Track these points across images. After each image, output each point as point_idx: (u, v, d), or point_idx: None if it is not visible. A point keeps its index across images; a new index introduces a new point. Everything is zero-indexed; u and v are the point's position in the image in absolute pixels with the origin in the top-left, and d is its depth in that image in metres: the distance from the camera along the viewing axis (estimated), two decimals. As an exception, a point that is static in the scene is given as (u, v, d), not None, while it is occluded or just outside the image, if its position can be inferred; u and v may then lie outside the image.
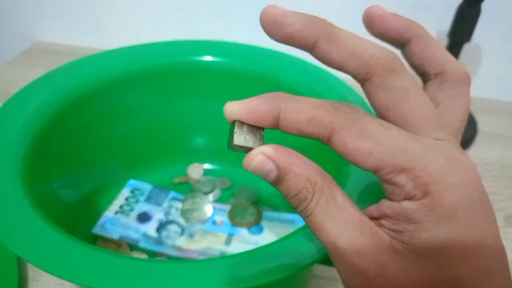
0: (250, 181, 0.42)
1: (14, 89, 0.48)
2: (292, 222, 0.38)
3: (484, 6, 0.45)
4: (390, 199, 0.17)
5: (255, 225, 0.38)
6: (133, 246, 0.35)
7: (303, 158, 0.17)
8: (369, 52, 0.18)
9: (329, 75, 0.36)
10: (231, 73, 0.38)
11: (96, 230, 0.35)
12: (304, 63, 0.37)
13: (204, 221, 0.38)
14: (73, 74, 0.34)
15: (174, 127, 0.42)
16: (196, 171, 0.43)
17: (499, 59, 0.58)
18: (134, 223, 0.37)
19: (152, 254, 0.35)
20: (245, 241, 0.36)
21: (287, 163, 0.16)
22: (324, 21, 0.18)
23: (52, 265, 0.21)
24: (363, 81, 0.18)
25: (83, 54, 0.62)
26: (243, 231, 0.37)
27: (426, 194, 0.15)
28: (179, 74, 0.38)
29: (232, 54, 0.38)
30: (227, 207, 0.39)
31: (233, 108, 0.17)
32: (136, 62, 0.37)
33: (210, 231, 0.37)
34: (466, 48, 0.53)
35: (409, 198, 0.16)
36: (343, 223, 0.16)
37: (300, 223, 0.37)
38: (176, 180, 0.42)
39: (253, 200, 0.41)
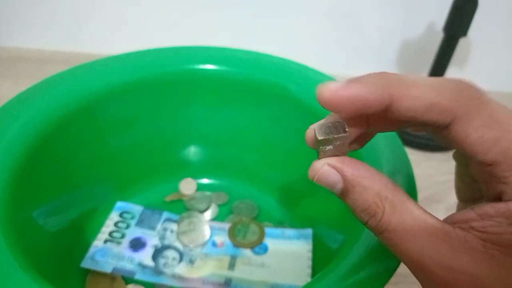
0: (248, 194, 0.40)
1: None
2: (297, 238, 0.36)
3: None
4: (496, 199, 0.15)
5: (259, 244, 0.35)
6: (128, 279, 0.32)
7: (372, 170, 0.16)
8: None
9: (334, 81, 0.33)
10: (226, 80, 0.35)
11: (86, 264, 0.32)
12: (308, 69, 0.34)
13: (203, 243, 0.35)
14: (54, 93, 0.30)
15: (163, 141, 0.38)
16: (188, 186, 0.40)
17: (494, 52, 0.57)
18: (127, 252, 0.34)
19: (150, 286, 0.32)
20: (250, 263, 0.34)
21: (354, 175, 0.16)
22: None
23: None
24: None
25: (53, 59, 0.58)
26: (247, 252, 0.35)
27: None
28: (170, 84, 0.35)
29: (229, 61, 0.35)
30: (226, 226, 0.37)
31: (333, 96, 0.15)
32: (121, 73, 0.33)
33: (211, 255, 0.34)
34: (461, 42, 0.52)
35: None
36: (427, 238, 0.15)
37: (306, 239, 0.35)
38: (168, 198, 0.39)
39: (253, 215, 0.38)
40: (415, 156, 0.49)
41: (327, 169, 0.16)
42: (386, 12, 0.54)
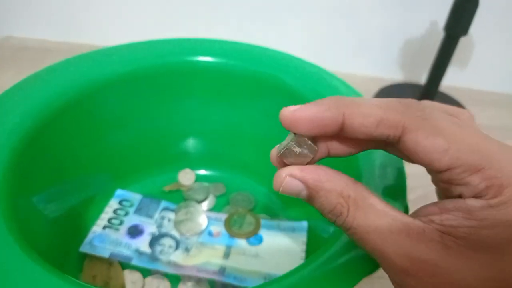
0: (245, 186, 0.40)
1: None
2: (292, 230, 0.36)
3: (481, -1, 0.44)
4: (453, 198, 0.16)
5: (254, 235, 0.36)
6: (125, 265, 0.33)
7: (331, 172, 0.17)
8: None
9: (332, 76, 0.34)
10: (224, 73, 0.36)
11: (84, 248, 0.33)
12: (304, 62, 0.35)
13: (199, 232, 0.36)
14: (54, 81, 0.31)
15: (163, 132, 0.39)
16: (187, 177, 0.41)
17: (492, 51, 0.57)
18: (124, 239, 0.34)
19: (146, 272, 0.33)
20: (244, 253, 0.34)
21: (315, 180, 0.17)
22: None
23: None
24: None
25: (57, 49, 0.58)
26: (242, 242, 0.35)
27: (496, 195, 0.15)
28: (168, 76, 0.35)
29: (226, 53, 0.36)
30: (223, 216, 0.37)
31: (292, 116, 0.17)
32: (122, 64, 0.34)
33: (207, 244, 0.35)
34: (462, 41, 0.52)
35: (478, 197, 0.15)
36: (387, 230, 0.16)
37: (301, 231, 0.36)
38: (167, 188, 0.40)
39: (250, 207, 0.39)
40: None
41: (289, 180, 0.17)
42: (386, 10, 0.55)
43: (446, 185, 0.16)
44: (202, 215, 0.37)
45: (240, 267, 0.33)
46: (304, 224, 0.36)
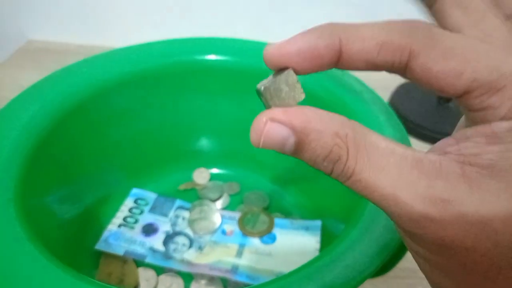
0: (260, 185, 0.40)
1: (6, 93, 0.45)
2: (306, 229, 0.36)
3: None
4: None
5: (267, 233, 0.36)
6: (139, 262, 0.33)
7: (321, 111, 0.14)
8: None
9: (344, 72, 0.33)
10: (236, 71, 0.36)
11: (99, 246, 0.33)
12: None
13: (213, 231, 0.36)
14: (67, 81, 0.32)
15: (177, 131, 0.40)
16: (202, 176, 0.41)
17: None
18: (139, 237, 0.35)
19: (159, 270, 0.33)
20: (257, 252, 0.34)
21: (303, 121, 0.13)
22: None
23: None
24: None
25: (78, 52, 0.60)
26: (255, 241, 0.35)
27: None
28: (181, 74, 0.36)
29: (237, 52, 0.36)
30: (236, 215, 0.37)
31: (279, 51, 0.14)
32: (135, 63, 0.35)
33: (220, 242, 0.35)
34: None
35: (504, 119, 0.13)
36: (396, 169, 0.13)
37: (314, 231, 0.35)
38: (182, 187, 0.40)
39: (264, 206, 0.39)
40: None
41: (271, 125, 0.14)
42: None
43: (467, 112, 0.14)
44: (216, 214, 0.37)
45: (253, 266, 0.33)
46: (318, 223, 0.36)
